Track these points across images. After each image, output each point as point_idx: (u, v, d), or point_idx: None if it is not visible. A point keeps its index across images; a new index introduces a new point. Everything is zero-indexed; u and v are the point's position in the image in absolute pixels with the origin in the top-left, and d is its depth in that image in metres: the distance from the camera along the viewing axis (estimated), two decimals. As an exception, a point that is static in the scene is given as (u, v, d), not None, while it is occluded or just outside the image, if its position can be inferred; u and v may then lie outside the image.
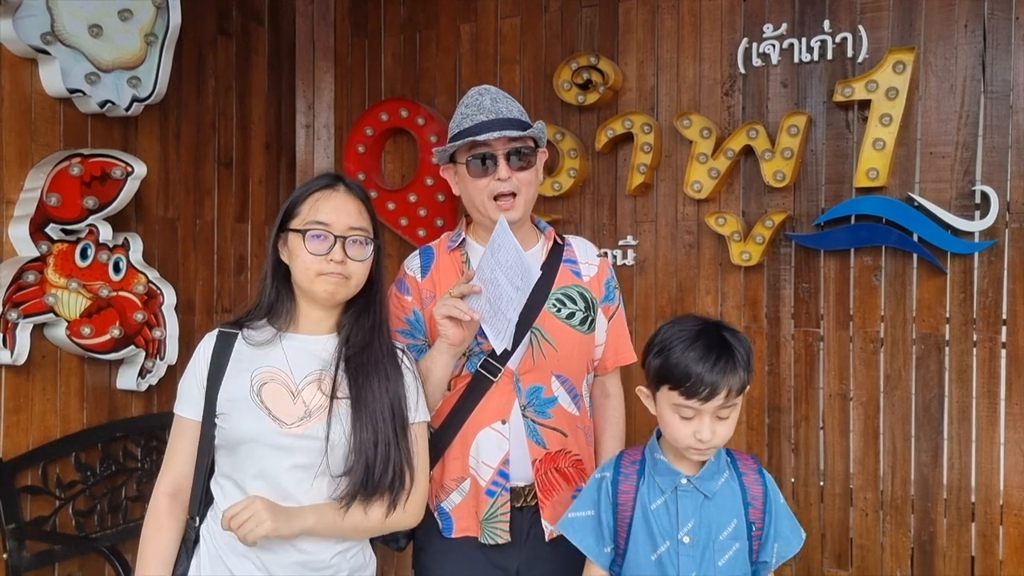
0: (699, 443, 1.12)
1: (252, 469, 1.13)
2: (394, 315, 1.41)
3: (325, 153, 2.71)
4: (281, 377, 1.16)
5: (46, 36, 1.95)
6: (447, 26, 2.53)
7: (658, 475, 1.19)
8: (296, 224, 1.17)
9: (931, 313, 1.97)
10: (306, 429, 1.13)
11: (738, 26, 2.16)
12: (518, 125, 1.30)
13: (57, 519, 2.02)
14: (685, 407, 1.12)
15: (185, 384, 1.20)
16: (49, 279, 1.99)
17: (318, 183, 1.21)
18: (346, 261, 1.15)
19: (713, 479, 1.17)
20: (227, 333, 1.20)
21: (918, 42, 1.96)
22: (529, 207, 1.35)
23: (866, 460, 2.04)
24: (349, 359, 1.17)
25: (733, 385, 1.12)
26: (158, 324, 2.23)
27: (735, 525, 1.16)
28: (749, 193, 2.15)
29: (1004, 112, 1.89)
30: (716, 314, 2.21)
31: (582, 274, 1.40)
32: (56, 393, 2.06)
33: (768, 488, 1.20)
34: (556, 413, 1.34)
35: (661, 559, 1.15)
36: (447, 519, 1.35)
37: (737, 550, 1.16)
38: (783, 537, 1.20)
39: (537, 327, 1.33)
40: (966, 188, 1.93)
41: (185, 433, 1.19)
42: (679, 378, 1.11)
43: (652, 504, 1.17)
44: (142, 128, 2.27)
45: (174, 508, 1.18)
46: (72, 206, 1.99)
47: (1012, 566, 1.88)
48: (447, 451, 1.35)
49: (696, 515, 1.16)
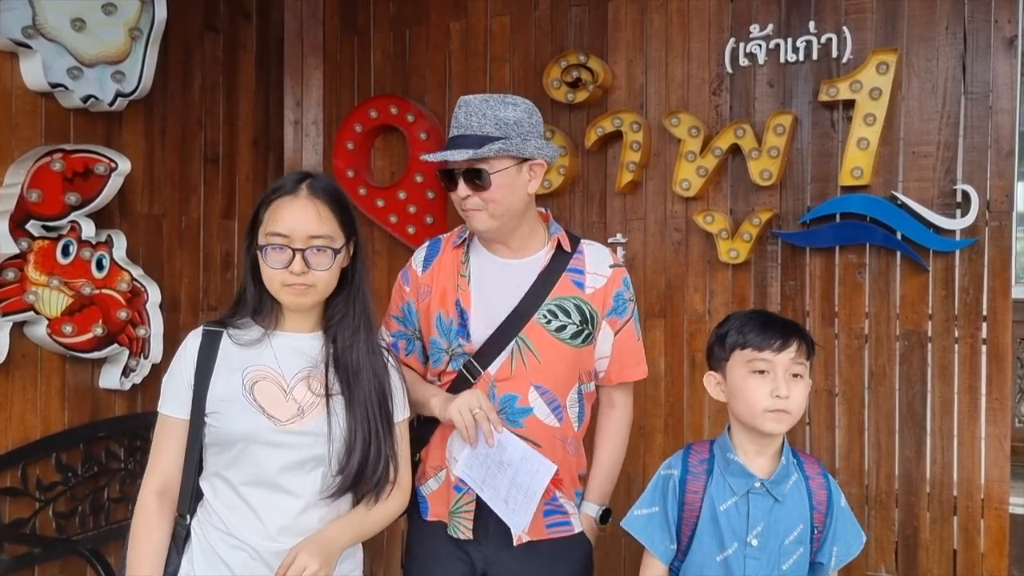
0: (776, 401, 1.12)
1: (247, 466, 1.13)
2: (394, 301, 1.44)
3: (314, 150, 2.70)
4: (272, 375, 1.16)
5: (27, 30, 1.91)
6: (437, 23, 2.52)
7: (731, 476, 1.18)
8: (259, 234, 1.17)
9: (914, 310, 2.00)
10: (300, 426, 1.14)
11: (725, 26, 2.18)
12: (477, 143, 1.26)
13: (37, 521, 1.98)
14: (759, 360, 1.14)
15: (170, 383, 1.19)
16: (30, 276, 1.95)
17: (281, 188, 1.18)
18: (307, 272, 1.14)
19: (784, 482, 1.17)
20: (212, 332, 1.19)
21: (901, 43, 1.99)
22: (504, 219, 1.31)
23: (851, 455, 2.07)
24: (338, 359, 1.18)
25: (802, 343, 1.16)
26: (142, 322, 2.20)
27: (800, 529, 1.16)
28: (737, 191, 2.17)
29: (984, 113, 1.93)
30: (704, 311, 2.23)
31: (585, 285, 1.35)
32: (36, 393, 2.02)
33: (832, 492, 1.20)
34: (529, 424, 1.32)
35: (728, 560, 1.15)
36: (424, 502, 1.39)
37: (801, 555, 1.16)
38: (842, 540, 1.19)
39: (523, 337, 1.32)
40: (947, 187, 1.96)
41: (172, 432, 1.18)
42: (753, 333, 1.16)
43: (722, 505, 1.16)
44: (126, 124, 2.24)
45: (163, 507, 1.17)
46: (53, 202, 1.96)
47: (993, 559, 1.92)
48: (431, 439, 1.38)
49: (766, 518, 1.15)
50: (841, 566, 1.20)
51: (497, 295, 1.34)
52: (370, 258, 2.62)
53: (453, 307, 1.34)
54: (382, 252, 2.59)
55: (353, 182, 2.56)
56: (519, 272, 1.36)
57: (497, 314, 1.33)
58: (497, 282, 1.35)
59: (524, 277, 1.35)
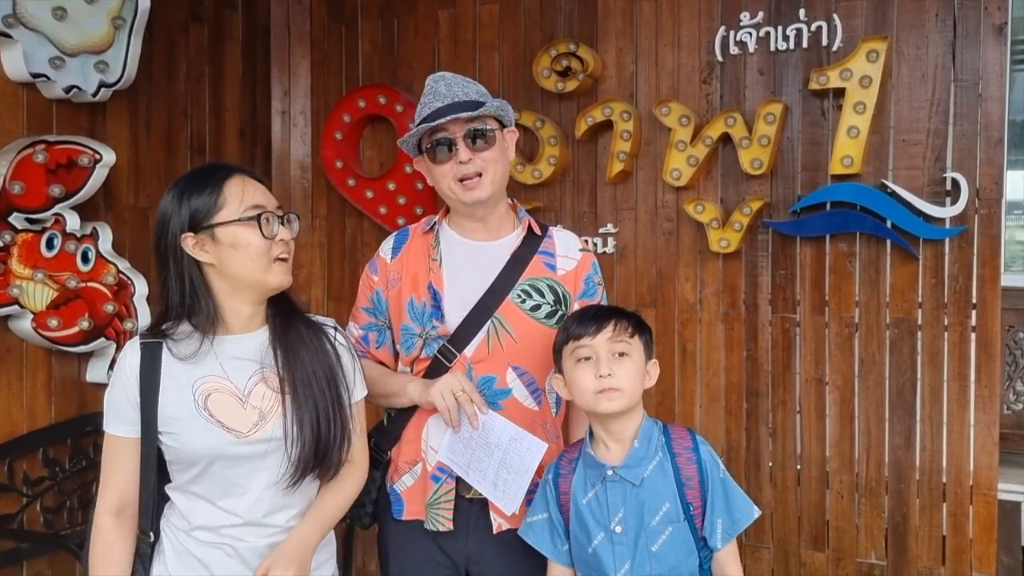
0: (601, 381, 1.14)
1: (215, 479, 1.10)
2: (362, 292, 1.41)
3: (301, 140, 2.67)
4: (224, 385, 1.11)
5: (7, 19, 1.88)
6: (425, 12, 2.50)
7: (587, 468, 1.20)
8: (229, 215, 1.08)
9: (904, 298, 2.01)
10: (263, 433, 1.11)
11: (715, 14, 2.17)
12: (472, 106, 1.29)
13: (25, 516, 1.97)
14: (580, 347, 1.18)
15: (114, 401, 1.12)
16: (13, 270, 1.92)
17: (219, 173, 1.12)
18: (290, 241, 1.13)
19: (640, 466, 1.17)
20: (150, 343, 1.11)
21: (891, 31, 1.99)
22: (498, 186, 1.33)
23: (842, 443, 2.07)
24: (279, 343, 1.14)
25: (620, 322, 1.18)
26: (129, 315, 2.17)
27: (667, 508, 1.15)
28: (727, 180, 2.17)
29: (973, 100, 1.92)
30: (695, 301, 2.22)
31: (557, 267, 1.37)
32: (22, 387, 2.00)
33: (704, 466, 1.18)
34: (508, 406, 1.31)
35: (596, 551, 1.16)
36: (399, 501, 1.36)
37: (672, 533, 1.15)
38: (725, 513, 1.16)
39: (498, 316, 1.31)
40: (937, 175, 1.96)
41: (122, 450, 1.12)
42: (574, 326, 1.20)
43: (583, 499, 1.18)
44: (110, 114, 2.21)
45: (121, 526, 1.12)
46: (37, 194, 1.93)
47: (981, 545, 1.93)
48: (404, 433, 1.35)
49: (625, 504, 1.16)
50: (731, 539, 1.17)
51: (470, 276, 1.34)
52: (359, 250, 2.61)
53: (426, 290, 1.33)
54: (371, 244, 2.57)
55: (342, 173, 2.54)
56: (491, 254, 1.35)
57: (471, 295, 1.32)
58: (470, 264, 1.35)
59: (496, 258, 1.35)
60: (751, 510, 1.19)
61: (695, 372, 2.22)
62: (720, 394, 2.19)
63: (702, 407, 2.22)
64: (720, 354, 2.19)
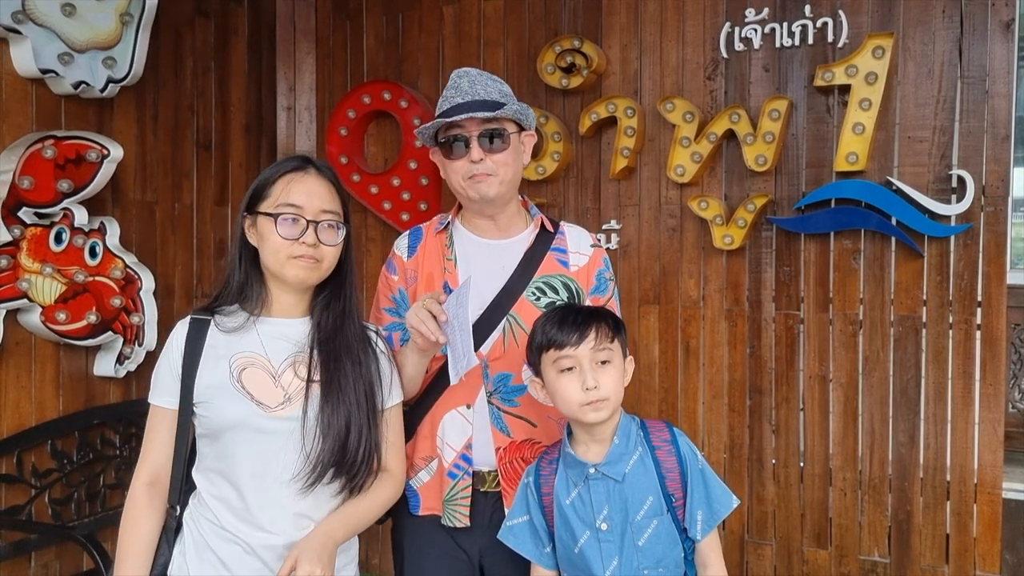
0: (588, 394, 1.13)
1: (237, 455, 1.12)
2: (382, 293, 1.42)
3: (307, 136, 2.68)
4: (260, 361, 1.16)
5: (17, 15, 1.90)
6: (430, 7, 2.50)
7: (568, 468, 1.19)
8: (266, 207, 1.15)
9: (908, 296, 2.00)
10: (288, 412, 1.14)
11: (720, 10, 2.16)
12: (492, 107, 1.29)
13: (33, 508, 1.99)
14: (563, 358, 1.15)
15: (159, 373, 1.18)
16: (22, 264, 1.94)
17: (288, 164, 1.17)
18: (318, 245, 1.15)
19: (621, 461, 1.17)
20: (199, 320, 1.18)
21: (897, 27, 1.98)
22: (509, 187, 1.33)
23: (845, 441, 2.07)
24: (322, 344, 1.17)
25: (601, 328, 1.16)
26: (136, 309, 2.19)
27: (651, 502, 1.15)
28: (731, 177, 2.16)
29: (980, 97, 1.91)
30: (699, 297, 2.22)
31: (570, 264, 1.38)
32: (31, 380, 2.03)
33: (683, 457, 1.17)
34: (524, 402, 1.32)
35: (583, 550, 1.16)
36: (415, 496, 1.37)
37: (657, 526, 1.15)
38: (704, 504, 1.16)
39: (513, 314, 1.32)
40: (943, 172, 1.95)
41: (162, 422, 1.17)
42: (553, 331, 1.16)
43: (567, 499, 1.18)
44: (118, 110, 2.22)
45: (153, 498, 1.16)
46: (45, 189, 1.95)
47: (985, 543, 1.93)
48: (419, 429, 1.36)
49: (609, 501, 1.16)
50: (711, 530, 1.17)
51: (485, 275, 1.34)
52: (364, 245, 2.62)
53: (442, 290, 1.34)
54: (376, 239, 2.58)
55: (347, 168, 2.55)
56: (505, 252, 1.36)
57: (486, 293, 1.33)
58: (484, 262, 1.35)
59: (510, 256, 1.35)
60: (730, 499, 1.18)
61: (698, 369, 2.22)
62: (723, 391, 2.19)
63: (705, 404, 2.22)
64: (723, 351, 2.19)
